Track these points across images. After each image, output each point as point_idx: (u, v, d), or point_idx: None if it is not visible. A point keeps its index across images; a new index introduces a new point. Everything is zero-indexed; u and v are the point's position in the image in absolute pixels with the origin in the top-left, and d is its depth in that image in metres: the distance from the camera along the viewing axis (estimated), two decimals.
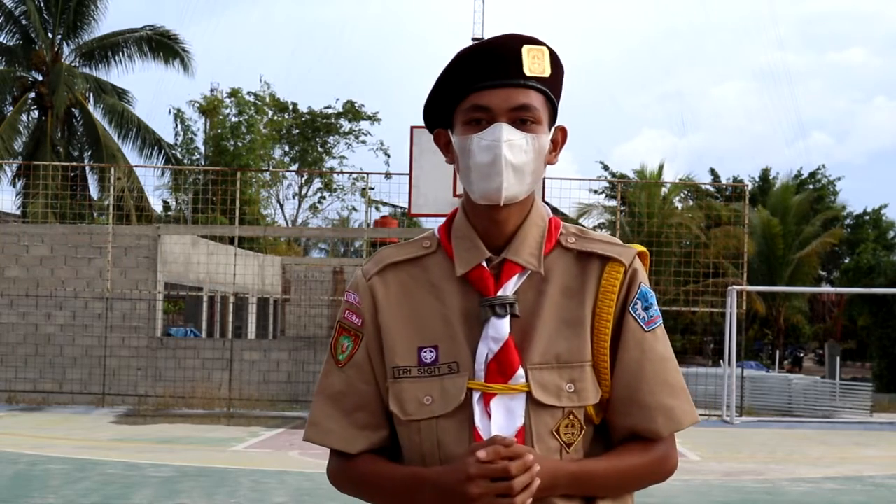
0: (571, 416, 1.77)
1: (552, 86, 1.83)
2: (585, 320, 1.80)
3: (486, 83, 1.78)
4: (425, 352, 1.81)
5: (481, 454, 1.65)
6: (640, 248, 1.89)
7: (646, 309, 1.83)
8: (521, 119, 1.78)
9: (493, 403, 1.75)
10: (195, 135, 37.58)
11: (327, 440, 1.87)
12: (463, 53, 1.81)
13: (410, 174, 16.47)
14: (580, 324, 1.80)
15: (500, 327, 1.77)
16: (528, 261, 1.81)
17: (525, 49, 1.80)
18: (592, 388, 1.79)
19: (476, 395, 1.75)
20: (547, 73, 1.81)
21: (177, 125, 37.02)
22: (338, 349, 1.89)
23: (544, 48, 1.82)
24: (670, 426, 1.80)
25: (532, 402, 1.75)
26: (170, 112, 37.23)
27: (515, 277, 1.81)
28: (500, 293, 1.78)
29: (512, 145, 1.77)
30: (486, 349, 1.77)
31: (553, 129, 1.86)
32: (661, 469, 1.83)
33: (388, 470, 1.83)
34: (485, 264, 1.81)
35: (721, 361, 20.89)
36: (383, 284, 1.86)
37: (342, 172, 44.21)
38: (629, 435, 1.81)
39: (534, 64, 1.80)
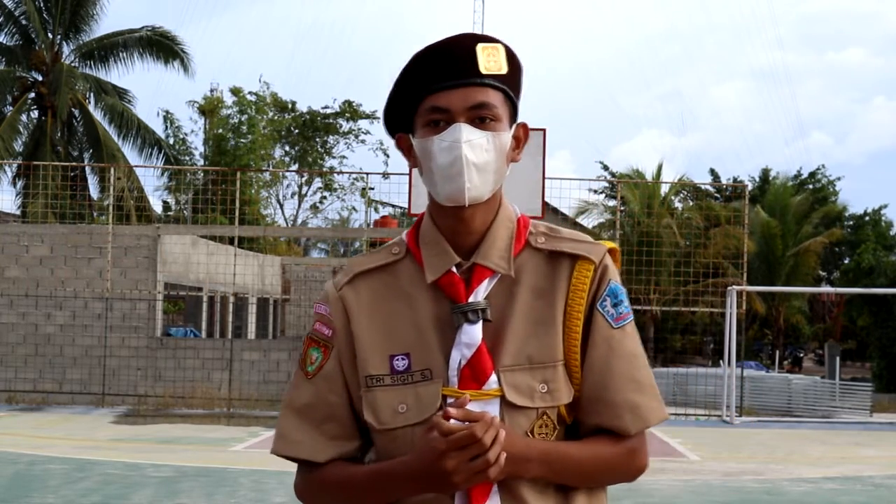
0: (545, 417, 1.77)
1: (510, 83, 1.81)
2: (557, 320, 1.79)
3: (442, 84, 1.76)
4: (397, 359, 1.80)
5: (453, 411, 1.64)
6: (611, 244, 1.88)
7: (615, 306, 1.81)
8: (480, 118, 1.76)
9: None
10: (187, 135, 37.58)
11: (295, 451, 1.85)
12: (418, 56, 1.79)
13: (410, 174, 16.45)
14: (551, 324, 1.78)
15: (473, 333, 1.75)
16: (498, 264, 1.80)
17: (479, 47, 1.77)
18: (565, 388, 1.78)
19: (450, 402, 1.74)
20: (504, 70, 1.79)
21: (167, 127, 36.98)
22: (307, 361, 1.87)
23: (499, 45, 1.80)
24: (637, 423, 1.78)
25: (505, 405, 1.74)
26: (158, 114, 37.21)
27: (486, 281, 1.79)
28: (471, 298, 1.77)
29: (472, 145, 1.75)
30: (459, 355, 1.76)
31: (514, 126, 1.84)
32: (632, 463, 1.81)
33: (356, 470, 1.81)
34: (455, 269, 1.80)
35: (721, 361, 20.87)
36: (354, 294, 1.85)
37: (342, 172, 44.29)
38: (597, 432, 1.80)
39: (489, 62, 1.77)
